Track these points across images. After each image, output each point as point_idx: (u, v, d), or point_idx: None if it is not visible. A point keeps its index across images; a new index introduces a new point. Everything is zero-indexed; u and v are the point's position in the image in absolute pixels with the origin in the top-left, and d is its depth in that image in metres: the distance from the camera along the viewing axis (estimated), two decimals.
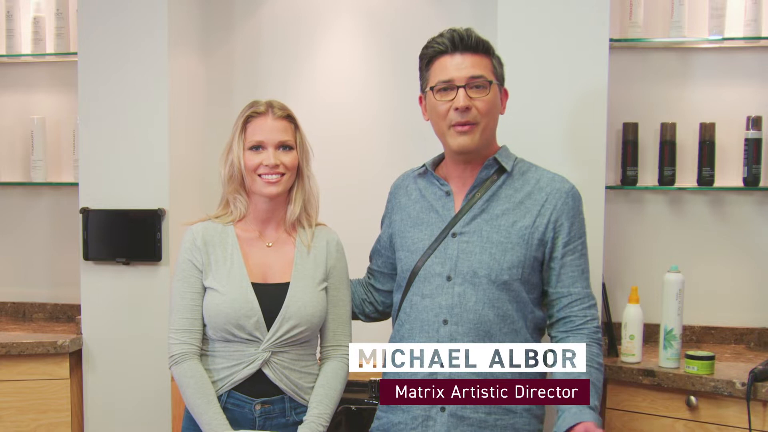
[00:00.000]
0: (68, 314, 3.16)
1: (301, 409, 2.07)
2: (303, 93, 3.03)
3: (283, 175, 2.06)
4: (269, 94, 3.03)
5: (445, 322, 1.96)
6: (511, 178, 2.02)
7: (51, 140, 3.18)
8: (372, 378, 2.69)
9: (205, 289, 2.06)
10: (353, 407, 2.53)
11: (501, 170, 2.03)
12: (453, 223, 2.00)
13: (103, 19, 2.79)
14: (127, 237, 2.79)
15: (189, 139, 2.95)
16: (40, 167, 3.13)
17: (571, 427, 1.83)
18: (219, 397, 2.03)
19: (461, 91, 1.94)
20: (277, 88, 3.03)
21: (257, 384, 2.04)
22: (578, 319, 1.98)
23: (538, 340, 2.03)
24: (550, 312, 2.03)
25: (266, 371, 2.03)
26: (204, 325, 2.07)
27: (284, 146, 2.08)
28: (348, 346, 2.16)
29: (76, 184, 2.92)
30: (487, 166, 2.02)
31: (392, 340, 2.11)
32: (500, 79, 2.03)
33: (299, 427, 2.04)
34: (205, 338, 2.09)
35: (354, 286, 2.29)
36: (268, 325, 2.03)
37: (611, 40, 2.52)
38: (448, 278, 1.97)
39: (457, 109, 1.94)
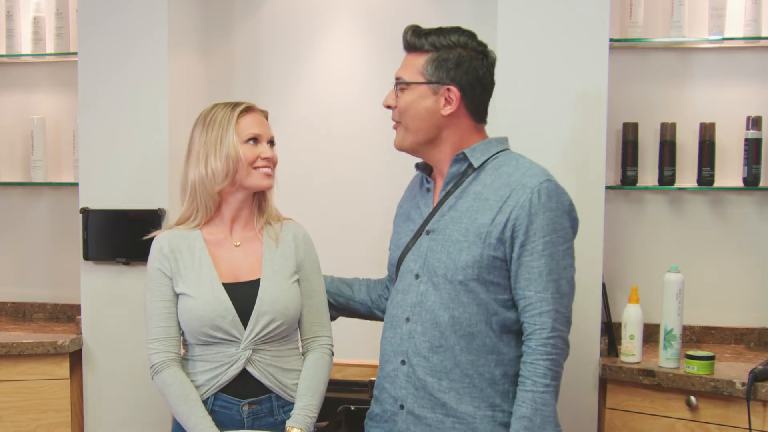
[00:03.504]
0: (68, 314, 3.16)
1: (288, 407, 2.07)
2: (303, 93, 3.03)
3: (272, 169, 2.10)
4: (269, 94, 3.05)
5: (408, 319, 1.96)
6: (482, 174, 1.94)
7: (51, 140, 3.18)
8: (372, 378, 2.69)
9: (177, 295, 2.06)
10: (353, 407, 2.53)
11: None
12: (428, 220, 1.99)
13: (103, 19, 2.79)
14: (127, 237, 2.79)
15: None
16: (40, 167, 3.13)
17: None
18: (206, 401, 2.03)
19: (392, 89, 2.02)
20: (277, 88, 3.03)
21: (243, 384, 2.04)
22: (528, 327, 1.86)
23: (509, 342, 1.91)
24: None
25: (251, 370, 2.03)
26: (182, 332, 2.08)
27: (272, 142, 2.13)
28: (327, 336, 2.16)
29: (76, 184, 2.92)
30: (456, 161, 1.96)
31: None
32: (435, 79, 1.94)
33: (287, 420, 2.04)
34: (185, 344, 2.10)
35: (373, 283, 2.30)
36: (245, 323, 2.03)
37: (611, 40, 2.52)
38: (417, 276, 1.96)
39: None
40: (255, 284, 2.06)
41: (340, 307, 2.29)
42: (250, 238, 2.13)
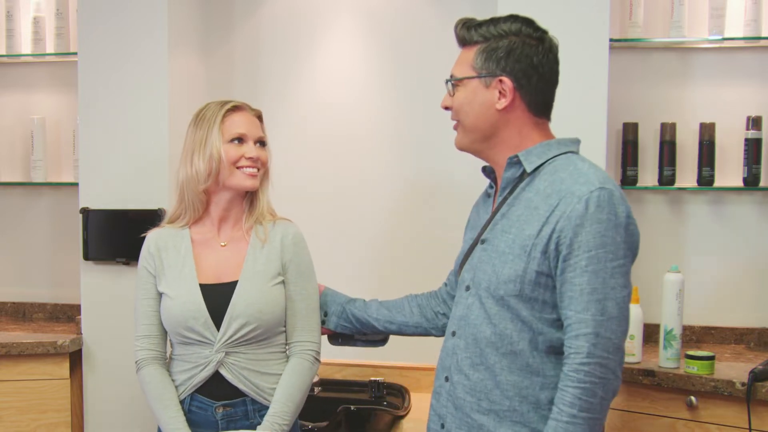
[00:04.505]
0: (68, 314, 3.16)
1: (265, 411, 2.04)
2: (303, 93, 3.03)
3: (259, 169, 2.07)
4: (269, 94, 3.04)
5: (453, 333, 1.84)
6: (537, 179, 1.77)
7: (51, 140, 3.18)
8: (372, 378, 2.70)
9: (161, 294, 2.07)
10: (353, 407, 2.53)
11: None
12: (484, 229, 1.84)
13: (103, 19, 2.79)
14: (127, 237, 2.79)
15: None
16: (40, 167, 3.13)
17: None
18: (183, 401, 2.04)
19: (447, 89, 1.87)
20: (277, 88, 3.03)
21: (217, 386, 2.02)
22: (566, 350, 1.69)
23: (558, 365, 1.72)
24: None
25: (223, 372, 2.01)
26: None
27: (261, 142, 2.10)
28: (310, 341, 2.10)
29: (76, 184, 2.92)
30: (510, 165, 1.80)
31: None
32: (485, 71, 1.79)
33: (258, 427, 2.01)
34: (172, 342, 2.11)
35: (426, 300, 2.16)
36: (218, 326, 2.01)
37: (611, 40, 2.52)
38: (467, 288, 1.84)
39: None
40: (232, 286, 2.04)
41: (393, 333, 2.19)
42: (237, 238, 2.10)
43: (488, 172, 1.92)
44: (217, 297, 2.02)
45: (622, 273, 1.69)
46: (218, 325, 2.01)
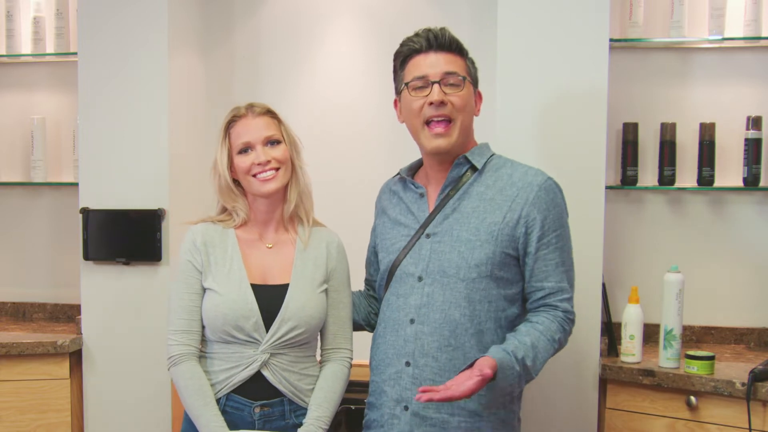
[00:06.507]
0: (68, 314, 3.16)
1: (300, 411, 2.06)
2: (303, 93, 3.03)
3: (277, 169, 2.05)
4: (269, 94, 3.05)
5: (412, 321, 1.97)
6: (483, 176, 2.01)
7: (51, 140, 3.18)
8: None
9: (204, 290, 2.06)
10: (353, 407, 2.52)
11: (474, 168, 2.03)
12: (426, 224, 2.01)
13: (103, 19, 2.80)
14: (127, 237, 2.80)
15: (189, 139, 2.95)
16: (40, 167, 3.13)
17: (473, 363, 1.85)
18: (218, 400, 2.02)
19: (436, 86, 1.95)
20: (277, 88, 3.03)
21: (256, 386, 2.03)
22: (551, 308, 1.96)
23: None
24: (527, 307, 2.01)
25: (265, 373, 2.02)
26: (203, 327, 2.06)
27: (271, 141, 2.07)
28: (349, 349, 2.15)
29: (76, 184, 2.92)
30: (457, 165, 2.02)
31: (372, 339, 2.14)
32: (474, 80, 2.04)
33: (299, 429, 2.03)
34: (204, 340, 2.08)
35: (357, 298, 2.27)
36: (267, 327, 2.02)
37: (611, 40, 2.51)
38: (419, 278, 1.99)
39: (431, 103, 1.95)
40: (282, 289, 2.05)
41: None
42: (283, 241, 2.12)
43: (405, 172, 2.11)
44: (268, 298, 2.03)
45: (571, 245, 2.02)
46: (267, 327, 2.01)
